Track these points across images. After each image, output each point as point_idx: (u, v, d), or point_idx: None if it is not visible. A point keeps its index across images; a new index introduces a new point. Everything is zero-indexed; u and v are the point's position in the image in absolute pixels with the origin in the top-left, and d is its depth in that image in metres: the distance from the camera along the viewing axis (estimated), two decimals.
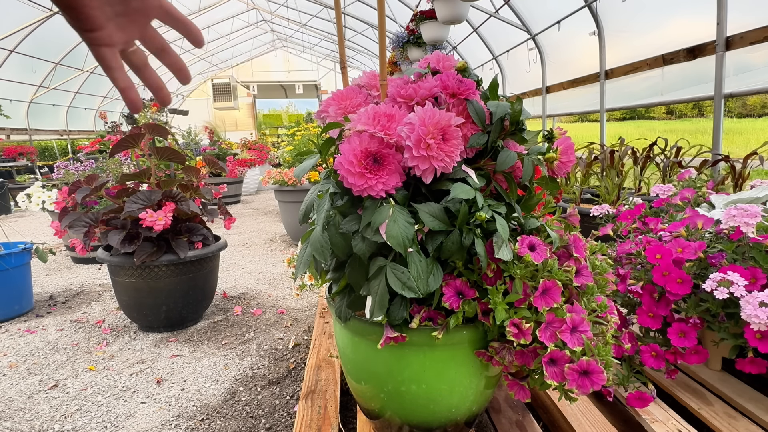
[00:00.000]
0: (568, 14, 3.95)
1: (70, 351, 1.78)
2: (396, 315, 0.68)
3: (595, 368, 0.62)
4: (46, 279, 2.84)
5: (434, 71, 0.77)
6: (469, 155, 0.69)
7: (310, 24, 10.43)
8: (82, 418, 1.32)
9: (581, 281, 0.69)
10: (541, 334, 0.65)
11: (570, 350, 0.63)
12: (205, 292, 1.99)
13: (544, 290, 0.66)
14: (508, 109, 0.69)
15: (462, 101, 0.68)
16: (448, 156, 0.61)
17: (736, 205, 0.99)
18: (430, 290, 0.64)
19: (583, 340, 0.63)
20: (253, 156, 6.65)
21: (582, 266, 0.69)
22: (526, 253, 0.64)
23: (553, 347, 0.64)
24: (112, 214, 1.83)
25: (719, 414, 0.93)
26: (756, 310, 0.80)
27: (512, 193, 0.70)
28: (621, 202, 2.09)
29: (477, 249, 0.63)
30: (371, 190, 0.61)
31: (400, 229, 0.60)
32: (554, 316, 0.66)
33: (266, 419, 1.28)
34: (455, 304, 0.68)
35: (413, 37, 4.59)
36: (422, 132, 0.59)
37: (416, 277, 0.62)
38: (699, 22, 2.71)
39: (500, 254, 0.62)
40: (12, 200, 6.00)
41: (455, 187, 0.62)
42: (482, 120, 0.67)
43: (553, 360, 0.64)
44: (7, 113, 5.27)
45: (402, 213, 0.61)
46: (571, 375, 0.62)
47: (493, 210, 0.64)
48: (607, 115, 3.85)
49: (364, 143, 0.61)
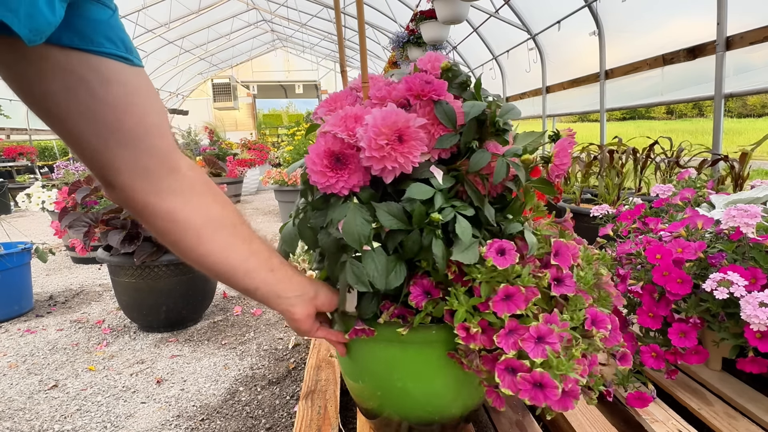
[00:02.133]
0: (568, 14, 3.95)
1: (70, 351, 1.78)
2: (366, 309, 0.70)
3: (548, 382, 0.59)
4: (46, 279, 2.84)
5: (423, 72, 0.77)
6: (444, 156, 0.70)
7: (310, 24, 10.43)
8: (82, 418, 1.32)
9: (561, 291, 0.66)
10: (500, 339, 0.63)
11: (530, 360, 0.61)
12: (205, 292, 1.99)
13: (507, 296, 0.65)
14: (482, 109, 0.68)
15: (429, 102, 0.68)
16: (404, 157, 0.62)
17: (736, 206, 0.99)
18: (390, 287, 0.65)
19: (546, 352, 0.61)
20: (253, 156, 6.65)
21: (564, 275, 0.67)
22: (489, 257, 0.63)
23: (513, 355, 0.62)
24: (112, 214, 1.83)
25: (719, 414, 0.93)
26: (756, 310, 0.80)
27: (486, 194, 0.69)
28: (621, 202, 2.09)
29: (434, 250, 0.63)
30: (333, 188, 0.63)
31: (356, 227, 0.62)
32: (516, 324, 0.64)
33: (266, 419, 1.28)
34: (421, 303, 0.69)
35: (413, 37, 4.59)
36: (373, 133, 0.60)
37: (371, 274, 0.63)
38: (699, 22, 2.70)
39: (458, 256, 0.62)
40: (12, 200, 6.00)
41: (411, 188, 0.63)
42: (452, 121, 0.67)
43: (513, 368, 0.62)
44: (7, 113, 5.25)
45: (360, 211, 0.63)
46: (524, 385, 0.61)
47: (458, 211, 0.64)
48: (607, 115, 3.85)
49: (328, 143, 0.64)
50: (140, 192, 0.53)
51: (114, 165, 0.51)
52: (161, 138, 0.53)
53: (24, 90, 0.45)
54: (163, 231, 0.57)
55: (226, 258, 0.60)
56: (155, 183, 0.54)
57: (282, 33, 12.43)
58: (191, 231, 0.57)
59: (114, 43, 0.46)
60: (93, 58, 0.45)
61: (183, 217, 0.56)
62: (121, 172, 0.51)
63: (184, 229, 0.57)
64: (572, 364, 0.61)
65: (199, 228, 0.57)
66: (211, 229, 0.58)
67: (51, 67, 0.43)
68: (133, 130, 0.50)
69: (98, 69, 0.46)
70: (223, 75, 13.64)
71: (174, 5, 7.99)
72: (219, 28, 10.33)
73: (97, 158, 0.51)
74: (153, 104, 0.52)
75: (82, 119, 0.47)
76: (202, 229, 0.58)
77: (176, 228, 0.56)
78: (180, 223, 0.56)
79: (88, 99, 0.46)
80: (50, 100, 0.46)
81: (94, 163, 0.51)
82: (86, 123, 0.47)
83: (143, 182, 0.53)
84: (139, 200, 0.54)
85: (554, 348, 0.61)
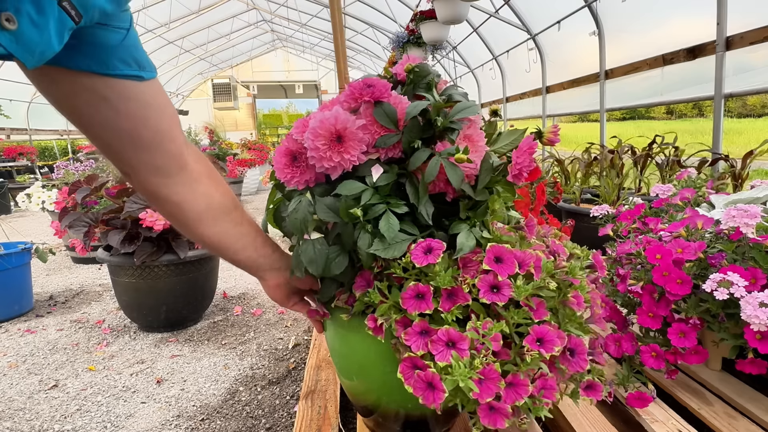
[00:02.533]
0: (568, 14, 3.95)
1: (70, 351, 1.78)
2: (324, 294, 0.78)
3: (437, 384, 0.62)
4: (46, 279, 2.84)
5: (396, 79, 0.81)
6: (393, 155, 0.74)
7: (310, 24, 10.43)
8: (82, 418, 1.32)
9: (493, 299, 0.64)
10: (408, 337, 0.65)
11: (434, 363, 0.62)
12: (205, 292, 1.99)
13: (418, 294, 0.66)
14: (421, 108, 0.70)
15: (371, 104, 0.72)
16: (340, 155, 0.67)
17: (736, 206, 0.99)
18: (329, 274, 0.72)
19: (451, 357, 0.62)
20: (253, 156, 6.65)
21: (501, 283, 0.65)
22: (414, 255, 0.66)
23: (416, 354, 0.64)
24: (112, 214, 1.83)
25: (719, 414, 0.93)
26: (756, 311, 0.80)
27: (422, 193, 0.70)
28: (621, 202, 2.09)
29: (359, 243, 0.68)
30: (290, 182, 0.72)
31: (299, 216, 0.70)
32: (426, 324, 0.65)
33: (266, 419, 1.28)
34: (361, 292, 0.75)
35: (413, 37, 4.59)
36: (312, 135, 0.67)
37: (308, 261, 0.70)
38: (699, 22, 2.71)
39: (377, 250, 0.67)
40: (12, 200, 6.00)
41: (343, 184, 0.68)
42: (393, 121, 0.71)
43: (418, 366, 0.65)
44: (7, 113, 5.27)
45: (307, 204, 0.71)
46: (419, 384, 0.63)
47: (390, 208, 0.68)
48: (607, 115, 3.85)
49: (288, 144, 0.72)
50: (154, 184, 0.64)
51: (132, 164, 0.61)
52: (172, 142, 0.63)
53: (57, 103, 0.53)
54: (171, 213, 0.69)
55: (220, 239, 0.73)
56: (166, 178, 0.64)
57: (282, 33, 12.43)
58: (194, 215, 0.69)
59: (128, 64, 0.53)
60: (110, 80, 0.52)
61: (188, 205, 0.68)
62: (138, 170, 0.62)
63: (188, 213, 0.69)
64: (471, 372, 0.60)
65: (201, 213, 0.69)
66: (211, 215, 0.70)
67: (76, 87, 0.51)
68: (148, 137, 0.59)
69: (115, 88, 0.53)
70: (223, 75, 13.64)
71: (174, 5, 8.00)
72: (219, 28, 10.33)
73: (118, 158, 0.61)
74: (164, 112, 0.60)
75: (105, 129, 0.56)
76: (203, 214, 0.70)
77: (182, 212, 0.68)
78: (185, 209, 0.68)
79: (109, 113, 0.54)
80: (78, 113, 0.54)
81: (116, 161, 0.62)
82: (109, 132, 0.57)
83: (156, 177, 0.63)
84: (153, 190, 0.65)
85: (462, 355, 0.62)
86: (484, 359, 0.62)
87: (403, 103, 0.72)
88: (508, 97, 5.89)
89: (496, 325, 0.64)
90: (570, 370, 0.68)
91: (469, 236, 0.69)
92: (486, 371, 0.62)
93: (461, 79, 7.31)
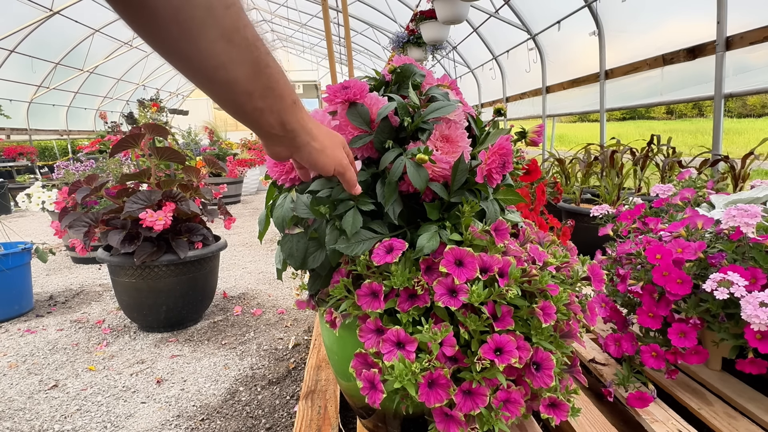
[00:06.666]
0: (568, 14, 3.95)
1: (70, 351, 1.78)
2: (312, 287, 0.82)
3: (377, 384, 0.62)
4: (46, 279, 2.84)
5: (382, 81, 0.82)
6: (370, 155, 0.75)
7: (310, 24, 10.43)
8: (82, 418, 1.32)
9: (449, 304, 0.63)
10: (361, 333, 0.67)
11: (382, 362, 0.63)
12: (205, 292, 1.99)
13: (372, 292, 0.67)
14: (390, 108, 0.70)
15: (346, 105, 0.73)
16: None
17: (736, 206, 0.99)
18: (305, 268, 0.75)
19: (398, 357, 0.62)
20: (253, 156, 6.64)
21: (459, 287, 0.64)
22: (373, 254, 0.67)
23: (368, 351, 0.65)
24: (112, 214, 1.83)
25: (719, 414, 0.93)
26: (756, 311, 0.80)
27: (388, 192, 0.71)
28: (621, 202, 2.09)
29: (327, 238, 0.70)
30: (279, 180, 0.76)
31: (281, 212, 0.74)
32: (380, 323, 0.66)
33: (266, 419, 1.28)
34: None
35: (413, 37, 4.60)
36: None
37: (287, 254, 0.74)
38: (699, 22, 2.71)
39: (339, 247, 0.69)
40: (12, 200, 6.00)
41: (316, 182, 0.70)
42: (366, 121, 0.72)
43: (368, 363, 0.66)
44: (7, 113, 5.27)
45: (288, 200, 0.74)
46: (365, 382, 0.64)
47: (358, 206, 0.70)
48: (607, 115, 3.85)
49: None
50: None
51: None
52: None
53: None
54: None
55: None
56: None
57: (282, 33, 12.43)
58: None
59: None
60: None
61: None
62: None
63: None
64: (414, 375, 0.60)
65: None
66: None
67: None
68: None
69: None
70: None
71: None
72: None
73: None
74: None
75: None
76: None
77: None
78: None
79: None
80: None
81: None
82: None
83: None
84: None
85: (408, 357, 0.62)
86: (427, 363, 0.61)
87: (378, 104, 0.73)
88: (508, 97, 5.89)
89: (444, 329, 0.63)
90: (534, 384, 0.65)
91: (433, 238, 0.68)
92: (435, 376, 0.61)
93: (461, 79, 7.31)
